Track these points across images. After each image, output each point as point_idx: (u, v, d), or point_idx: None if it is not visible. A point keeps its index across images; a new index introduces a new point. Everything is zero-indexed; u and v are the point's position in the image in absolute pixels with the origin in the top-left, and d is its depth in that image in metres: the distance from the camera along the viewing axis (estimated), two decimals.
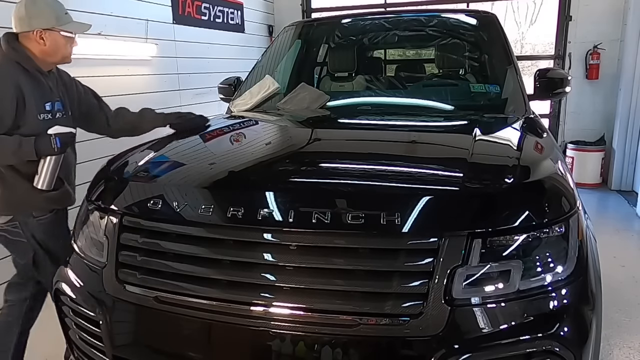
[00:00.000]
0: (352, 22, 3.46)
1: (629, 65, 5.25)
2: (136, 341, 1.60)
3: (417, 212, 1.35)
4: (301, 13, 6.80)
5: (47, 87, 2.06)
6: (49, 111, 2.03)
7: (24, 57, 1.99)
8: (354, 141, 2.15)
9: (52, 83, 2.10)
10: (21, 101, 1.93)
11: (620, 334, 2.64)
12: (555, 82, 2.58)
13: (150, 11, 4.38)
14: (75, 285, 1.68)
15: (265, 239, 1.42)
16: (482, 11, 3.18)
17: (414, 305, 1.29)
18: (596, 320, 1.40)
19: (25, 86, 1.95)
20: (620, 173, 5.50)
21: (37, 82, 2.01)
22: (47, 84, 2.06)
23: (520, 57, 6.18)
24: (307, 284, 1.36)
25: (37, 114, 1.97)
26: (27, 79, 1.97)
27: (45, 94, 2.04)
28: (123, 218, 1.60)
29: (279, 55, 3.33)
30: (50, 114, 2.03)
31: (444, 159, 1.78)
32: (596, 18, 5.55)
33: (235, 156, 2.00)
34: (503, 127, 2.16)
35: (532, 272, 1.35)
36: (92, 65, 3.49)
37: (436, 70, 3.32)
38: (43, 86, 2.04)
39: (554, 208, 1.44)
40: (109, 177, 1.79)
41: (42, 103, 2.01)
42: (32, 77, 2.00)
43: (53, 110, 2.05)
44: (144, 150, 2.07)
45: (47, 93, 2.05)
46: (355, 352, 1.31)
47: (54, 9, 2.01)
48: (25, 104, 1.94)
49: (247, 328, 1.37)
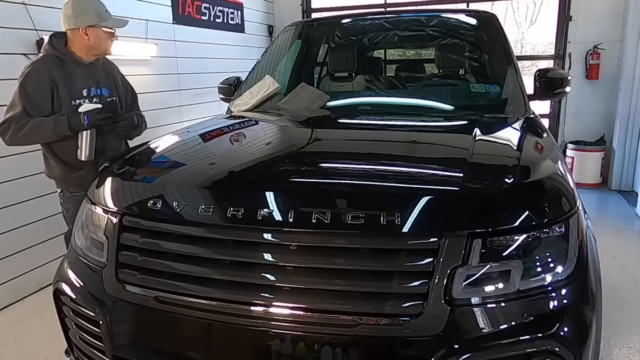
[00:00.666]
0: (352, 22, 3.45)
1: (629, 65, 5.25)
2: (136, 341, 1.60)
3: (417, 212, 1.35)
4: (301, 13, 6.79)
5: (85, 75, 2.38)
6: (86, 97, 2.37)
7: (63, 51, 2.33)
8: (354, 141, 2.15)
9: (93, 72, 2.42)
10: (56, 90, 2.28)
11: (620, 334, 2.64)
12: (555, 82, 2.58)
13: (150, 11, 4.38)
14: (75, 285, 1.68)
15: (265, 239, 1.42)
16: (482, 11, 3.18)
17: (414, 305, 1.29)
18: (596, 320, 1.40)
19: (60, 76, 2.29)
20: (620, 173, 5.50)
21: (74, 71, 2.35)
22: (87, 72, 2.39)
23: (520, 57, 6.18)
24: (307, 284, 1.36)
25: (71, 100, 2.32)
26: (62, 70, 2.31)
27: (81, 82, 2.36)
28: (123, 218, 1.60)
29: (279, 55, 3.32)
30: (87, 99, 2.37)
31: (444, 159, 1.78)
32: (596, 18, 5.55)
33: (235, 156, 2.00)
34: (503, 127, 2.16)
35: (532, 272, 1.35)
36: None
37: (436, 70, 3.31)
38: (80, 75, 2.36)
39: (554, 208, 1.44)
40: (109, 177, 1.79)
41: (79, 90, 2.35)
42: (69, 67, 2.34)
43: (90, 95, 2.38)
44: (144, 150, 2.07)
45: (84, 81, 2.37)
46: (355, 352, 1.31)
47: (96, 8, 2.30)
48: (58, 92, 2.29)
49: (247, 328, 1.37)
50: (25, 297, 3.24)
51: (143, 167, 1.85)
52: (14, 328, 2.88)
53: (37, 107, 2.26)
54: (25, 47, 3.12)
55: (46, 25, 3.21)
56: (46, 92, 2.26)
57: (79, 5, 2.28)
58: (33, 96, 2.24)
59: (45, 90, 2.26)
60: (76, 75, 2.35)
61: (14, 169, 3.09)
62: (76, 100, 2.33)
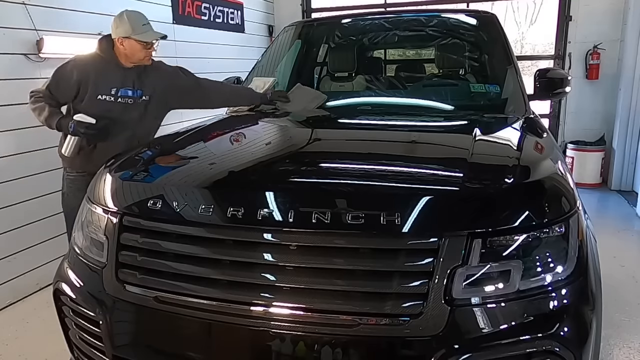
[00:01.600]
0: (352, 22, 3.45)
1: (629, 65, 5.25)
2: (136, 341, 1.60)
3: (417, 212, 1.35)
4: (301, 13, 6.79)
5: (121, 77, 2.59)
6: (113, 94, 2.58)
7: (107, 52, 2.59)
8: (354, 141, 2.15)
9: (130, 75, 2.62)
10: (84, 84, 2.52)
11: (620, 334, 2.64)
12: (555, 82, 2.58)
13: (150, 11, 4.35)
14: (75, 285, 1.68)
15: (265, 239, 1.42)
16: (482, 11, 3.18)
17: (414, 305, 1.29)
18: (596, 320, 1.40)
19: (94, 72, 2.53)
20: (620, 173, 5.50)
21: (111, 72, 2.58)
22: (124, 75, 2.60)
23: (520, 57, 6.18)
24: (307, 284, 1.36)
25: (97, 94, 2.54)
26: (100, 68, 2.56)
27: (115, 82, 2.58)
28: (123, 218, 1.60)
29: (279, 55, 3.33)
30: (113, 97, 2.57)
31: (444, 159, 1.78)
32: (596, 18, 5.55)
33: (235, 156, 2.00)
34: (503, 127, 2.16)
35: (532, 272, 1.35)
36: None
37: (436, 70, 3.32)
38: (116, 76, 2.59)
39: (554, 208, 1.44)
40: (109, 177, 1.79)
41: (109, 87, 2.56)
42: (108, 67, 2.58)
43: (117, 95, 2.58)
44: (144, 150, 2.08)
45: (118, 81, 2.58)
46: (355, 352, 1.31)
47: (131, 22, 2.53)
48: (87, 85, 2.52)
49: (247, 328, 1.37)
50: (25, 297, 3.24)
51: (143, 167, 1.85)
52: (14, 328, 2.88)
53: (60, 91, 2.54)
54: (25, 47, 3.12)
55: (46, 25, 3.21)
56: (74, 83, 2.52)
57: (120, 19, 2.56)
58: (60, 81, 2.53)
59: (73, 82, 2.52)
60: (112, 75, 2.58)
61: (13, 169, 3.09)
62: (102, 96, 2.56)
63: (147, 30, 2.59)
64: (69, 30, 3.38)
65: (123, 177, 1.76)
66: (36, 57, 3.18)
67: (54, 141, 3.15)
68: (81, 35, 3.45)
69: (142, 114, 2.70)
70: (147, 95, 2.70)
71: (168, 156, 2.07)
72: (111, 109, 2.58)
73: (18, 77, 3.09)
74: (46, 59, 3.22)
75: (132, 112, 2.66)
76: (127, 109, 2.64)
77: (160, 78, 2.76)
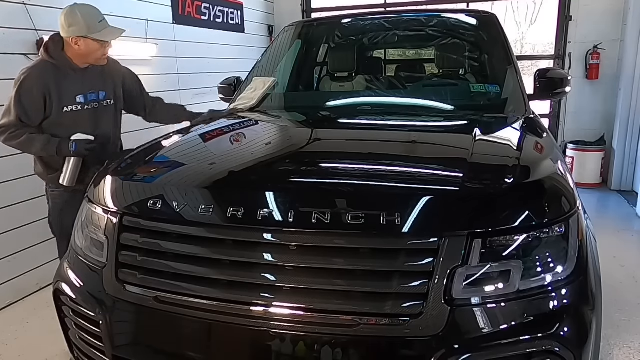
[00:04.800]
0: (352, 22, 3.45)
1: (629, 65, 5.24)
2: (136, 341, 1.60)
3: (417, 212, 1.35)
4: (301, 13, 6.79)
5: (80, 81, 2.40)
6: (80, 103, 2.40)
7: (57, 57, 2.35)
8: (354, 141, 2.15)
9: (89, 77, 2.44)
10: (48, 97, 2.31)
11: (620, 334, 2.64)
12: (555, 82, 2.58)
13: (150, 11, 4.38)
14: (75, 285, 1.68)
15: (265, 239, 1.42)
16: (482, 11, 3.18)
17: (414, 305, 1.29)
18: (596, 320, 1.40)
19: (53, 83, 2.32)
20: (620, 173, 5.49)
21: (68, 78, 2.37)
22: (82, 78, 2.41)
23: (520, 57, 6.17)
24: (307, 284, 1.36)
25: (62, 106, 2.35)
26: (56, 76, 2.33)
27: (76, 88, 2.39)
28: (123, 218, 1.60)
29: (279, 55, 3.32)
30: (80, 105, 2.40)
31: (444, 159, 1.78)
32: (596, 18, 5.55)
33: (235, 156, 2.00)
34: (503, 127, 2.16)
35: (532, 272, 1.35)
36: None
37: (436, 70, 3.31)
38: (75, 81, 2.39)
39: (554, 208, 1.44)
40: (109, 177, 1.79)
41: (72, 96, 2.37)
42: (63, 74, 2.35)
43: (86, 101, 2.42)
44: (144, 151, 2.07)
45: (78, 87, 2.39)
46: (355, 352, 1.31)
47: (86, 20, 2.29)
48: (51, 98, 2.32)
49: (247, 328, 1.37)
50: (25, 297, 3.24)
51: (143, 167, 1.85)
52: (14, 328, 2.88)
53: (31, 116, 2.32)
54: (25, 47, 3.12)
55: (46, 25, 3.21)
56: (39, 100, 2.31)
57: (71, 15, 2.29)
58: (26, 105, 2.30)
59: (38, 99, 2.30)
60: (70, 81, 2.38)
61: (13, 169, 3.08)
62: (68, 107, 2.37)
63: (104, 28, 2.35)
64: None
65: (123, 177, 1.76)
66: (36, 57, 3.17)
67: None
68: None
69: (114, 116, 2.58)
70: (110, 97, 2.55)
71: (168, 156, 2.07)
72: (79, 120, 2.41)
73: None
74: None
75: (104, 117, 2.52)
76: (97, 114, 2.48)
77: (118, 76, 2.63)
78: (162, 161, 1.99)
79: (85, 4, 2.37)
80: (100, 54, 2.39)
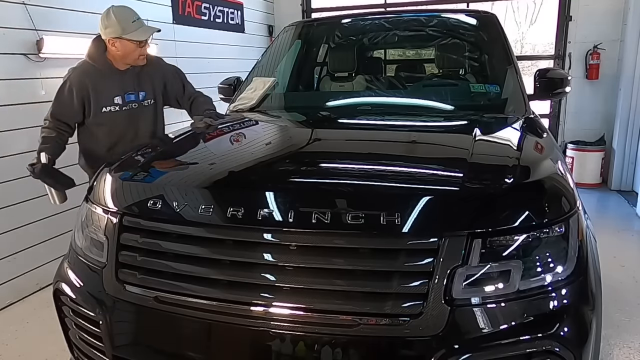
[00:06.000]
0: (352, 22, 3.45)
1: (629, 65, 5.24)
2: (136, 341, 1.60)
3: (417, 212, 1.35)
4: (301, 13, 6.79)
5: (119, 83, 2.48)
6: (117, 104, 2.48)
7: (98, 59, 2.45)
8: (354, 141, 2.15)
9: (129, 78, 2.51)
10: (87, 98, 2.42)
11: (620, 334, 2.64)
12: (555, 82, 2.58)
13: (150, 11, 4.38)
14: (75, 285, 1.68)
15: (265, 239, 1.41)
16: (482, 11, 3.18)
17: (414, 305, 1.29)
18: (596, 320, 1.40)
19: (92, 85, 2.41)
20: (620, 173, 5.49)
21: (108, 80, 2.45)
22: (122, 80, 2.48)
23: (520, 57, 6.17)
24: (307, 284, 1.36)
25: (101, 107, 2.45)
26: (96, 78, 2.43)
27: (115, 90, 2.46)
28: (123, 218, 1.60)
29: (279, 55, 3.32)
30: (117, 106, 2.48)
31: (444, 159, 1.78)
32: (596, 18, 5.55)
33: (235, 156, 2.00)
34: (503, 127, 2.16)
35: (532, 272, 1.35)
36: None
37: (436, 70, 3.31)
38: (114, 83, 2.46)
39: (554, 208, 1.44)
40: (109, 177, 1.79)
41: (111, 97, 2.45)
42: (103, 76, 2.44)
43: (124, 102, 2.49)
44: (144, 151, 2.07)
45: (118, 88, 2.47)
46: (355, 352, 1.31)
47: (120, 21, 2.36)
48: (90, 100, 2.42)
49: (247, 328, 1.37)
50: (25, 297, 3.24)
51: (143, 167, 1.85)
52: (14, 328, 2.88)
53: (64, 115, 2.46)
54: (25, 47, 3.12)
55: (46, 25, 3.21)
56: (75, 102, 2.42)
57: (107, 17, 2.38)
58: (62, 105, 2.44)
59: (74, 101, 2.42)
60: (109, 83, 2.46)
61: (14, 169, 3.08)
62: (106, 108, 2.45)
63: (138, 27, 2.40)
64: (68, 30, 3.38)
65: (123, 177, 1.76)
66: (36, 57, 3.18)
67: None
68: (81, 35, 3.45)
69: (154, 114, 2.62)
70: (151, 97, 2.61)
71: (168, 156, 2.07)
72: (118, 120, 2.49)
73: (18, 77, 3.09)
74: (46, 59, 3.22)
75: (142, 117, 2.58)
76: (136, 114, 2.55)
77: (158, 75, 2.68)
78: (162, 161, 1.99)
79: (121, 5, 2.44)
80: (138, 54, 2.45)
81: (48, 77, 3.26)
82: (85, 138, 2.62)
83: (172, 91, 2.78)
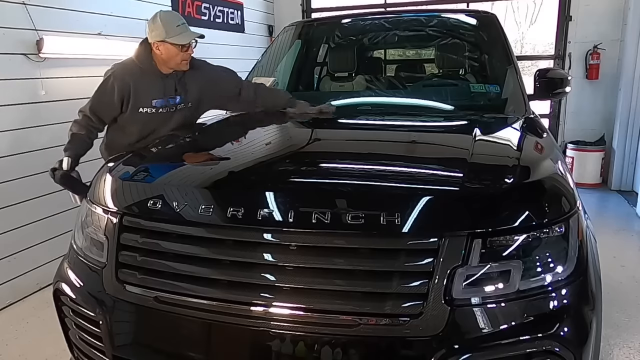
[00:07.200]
0: (352, 22, 3.45)
1: (629, 65, 5.24)
2: (136, 341, 1.60)
3: (417, 212, 1.35)
4: (301, 13, 6.79)
5: (161, 87, 2.48)
6: (154, 106, 2.48)
7: (143, 61, 2.46)
8: (354, 141, 2.15)
9: (170, 83, 2.51)
10: (126, 96, 2.43)
11: (620, 334, 2.64)
12: (555, 82, 2.58)
13: (150, 11, 4.32)
14: (75, 285, 1.68)
15: (265, 239, 1.41)
16: (482, 11, 3.18)
17: (414, 305, 1.29)
18: (596, 320, 1.40)
19: (134, 85, 2.42)
20: (620, 173, 5.49)
21: (151, 82, 2.47)
22: (164, 84, 2.49)
23: (520, 57, 6.17)
24: (307, 284, 1.36)
25: (138, 107, 2.46)
26: (139, 79, 2.44)
27: (155, 93, 2.47)
28: (123, 218, 1.60)
29: (279, 55, 3.33)
30: (154, 108, 2.49)
31: (444, 159, 1.78)
32: (596, 18, 5.55)
33: (235, 156, 2.00)
34: (503, 127, 2.16)
35: (532, 272, 1.35)
36: (92, 65, 3.49)
37: (436, 70, 3.32)
38: (156, 86, 2.47)
39: (554, 208, 1.44)
40: (109, 177, 1.79)
41: (150, 99, 2.46)
42: (146, 77, 2.46)
43: (161, 106, 2.50)
44: (144, 150, 2.08)
45: (159, 92, 2.48)
46: (355, 352, 1.31)
47: (164, 24, 2.39)
48: (129, 99, 2.43)
49: (247, 328, 1.37)
50: (25, 297, 3.24)
51: (143, 167, 1.85)
52: (14, 328, 2.88)
53: (102, 110, 2.47)
54: (25, 47, 3.12)
55: (46, 25, 3.21)
56: (115, 98, 2.43)
57: (153, 21, 2.43)
58: (101, 102, 2.45)
59: (116, 97, 2.42)
60: (151, 85, 2.47)
61: (14, 169, 3.09)
62: (143, 108, 2.48)
63: (181, 32, 2.42)
64: (69, 30, 3.38)
65: (123, 177, 1.76)
66: (36, 57, 3.18)
67: (54, 141, 3.16)
68: (81, 35, 3.46)
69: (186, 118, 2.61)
70: (189, 101, 2.59)
71: (168, 156, 2.07)
72: (151, 121, 2.50)
73: (18, 77, 3.09)
74: (46, 59, 3.22)
75: (173, 119, 2.56)
76: (168, 117, 2.55)
77: (202, 80, 2.64)
78: (162, 161, 2.00)
79: (168, 10, 2.50)
80: (180, 58, 2.45)
81: (48, 77, 3.26)
82: (114, 129, 2.61)
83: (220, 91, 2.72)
